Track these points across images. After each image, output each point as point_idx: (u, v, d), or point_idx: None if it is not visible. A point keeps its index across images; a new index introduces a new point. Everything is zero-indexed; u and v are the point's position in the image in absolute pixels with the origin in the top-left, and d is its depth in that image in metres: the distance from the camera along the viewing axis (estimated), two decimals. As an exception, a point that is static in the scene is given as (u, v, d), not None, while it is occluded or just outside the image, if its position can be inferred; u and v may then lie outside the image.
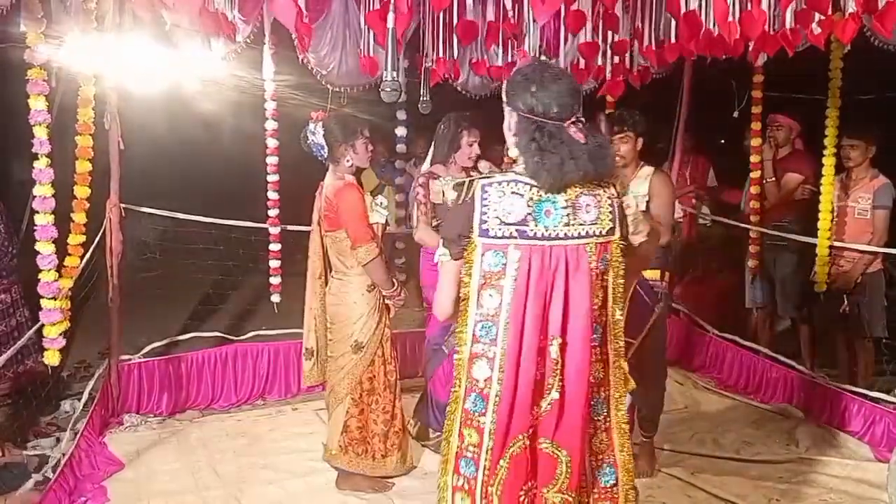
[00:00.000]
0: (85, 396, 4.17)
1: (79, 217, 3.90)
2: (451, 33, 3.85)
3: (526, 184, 1.91)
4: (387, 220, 3.52)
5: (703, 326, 5.27)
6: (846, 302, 4.39)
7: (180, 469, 3.73)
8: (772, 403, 4.52)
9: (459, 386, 1.97)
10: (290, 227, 4.73)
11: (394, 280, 3.43)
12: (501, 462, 1.89)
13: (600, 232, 1.91)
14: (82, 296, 4.43)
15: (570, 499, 1.90)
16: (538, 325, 1.87)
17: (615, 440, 1.99)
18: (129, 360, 4.38)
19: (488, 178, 1.93)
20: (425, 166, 3.99)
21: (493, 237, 1.88)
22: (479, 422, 1.91)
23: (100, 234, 4.14)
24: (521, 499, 1.90)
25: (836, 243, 4.38)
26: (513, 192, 1.88)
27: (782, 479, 3.62)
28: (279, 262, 4.70)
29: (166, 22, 3.62)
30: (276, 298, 4.74)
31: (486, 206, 1.89)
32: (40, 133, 3.26)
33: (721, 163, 6.21)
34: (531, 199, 1.88)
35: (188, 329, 5.23)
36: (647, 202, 3.31)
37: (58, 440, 3.97)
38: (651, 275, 3.42)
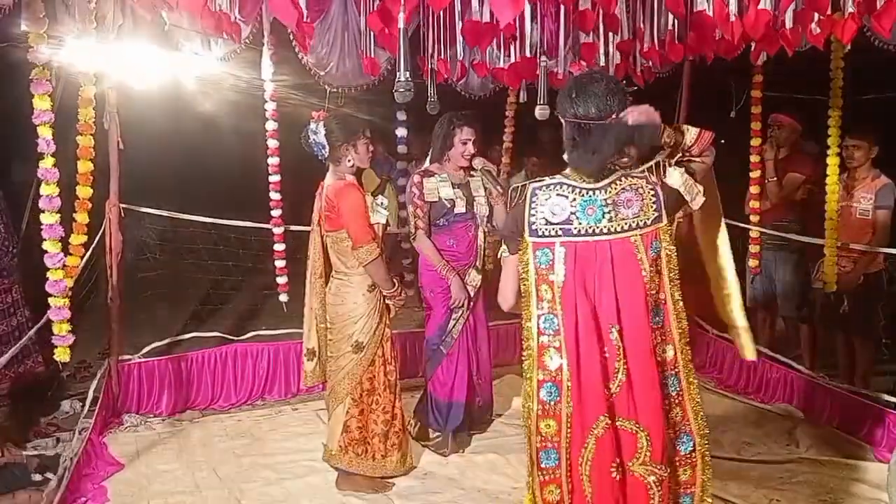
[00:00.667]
0: (90, 396, 4.16)
1: (81, 217, 3.91)
2: (452, 34, 3.84)
3: (570, 185, 2.10)
4: (387, 220, 3.52)
5: (703, 326, 5.27)
6: (846, 302, 4.40)
7: (180, 469, 3.73)
8: (772, 403, 4.52)
9: (530, 382, 2.10)
10: (291, 228, 4.73)
11: (394, 280, 3.44)
12: (588, 442, 2.05)
13: (645, 223, 2.05)
14: (82, 296, 4.43)
15: (656, 470, 2.07)
16: (590, 314, 2.04)
17: (689, 411, 2.14)
18: (129, 360, 4.38)
19: (539, 181, 2.12)
20: (425, 166, 3.99)
21: (541, 236, 2.08)
22: (555, 410, 2.07)
23: (99, 234, 4.14)
24: (613, 474, 2.06)
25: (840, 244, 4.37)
26: (558, 194, 2.08)
27: (782, 479, 3.62)
28: (284, 261, 4.71)
29: (166, 22, 3.63)
30: (283, 298, 4.74)
31: (534, 207, 2.10)
32: (45, 133, 3.26)
33: (721, 163, 6.20)
34: (574, 199, 2.08)
35: (188, 329, 5.24)
36: None
37: (58, 440, 3.97)
38: None
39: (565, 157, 2.14)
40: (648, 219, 2.05)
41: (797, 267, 4.79)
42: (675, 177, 2.10)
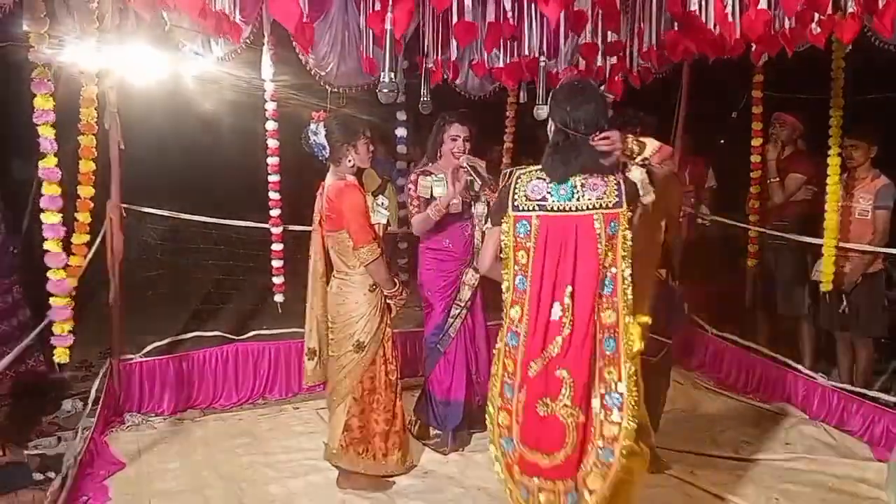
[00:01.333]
0: (92, 395, 4.17)
1: (83, 217, 3.92)
2: (451, 34, 3.85)
3: None
4: (388, 220, 3.53)
5: (703, 326, 5.28)
6: (846, 302, 4.40)
7: (181, 468, 3.74)
8: (771, 403, 4.53)
9: (503, 328, 2.53)
10: (290, 228, 4.74)
11: (395, 280, 3.44)
12: (524, 383, 2.45)
13: (607, 204, 2.41)
14: (84, 295, 4.43)
15: (573, 412, 2.40)
16: (552, 276, 2.42)
17: (623, 374, 2.39)
18: (131, 359, 4.38)
19: (523, 169, 2.54)
20: (424, 165, 4.00)
21: (521, 210, 2.49)
22: (514, 354, 2.49)
23: (101, 233, 4.14)
24: (538, 408, 2.43)
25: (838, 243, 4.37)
26: (537, 178, 2.50)
27: (782, 478, 3.63)
28: (282, 261, 4.71)
29: (167, 22, 3.63)
30: (279, 298, 4.74)
31: (517, 188, 2.51)
32: (47, 132, 3.26)
33: (721, 163, 6.22)
34: (550, 182, 2.48)
35: (189, 328, 5.24)
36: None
37: (60, 439, 3.98)
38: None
39: (543, 160, 2.50)
40: (610, 202, 2.40)
41: (797, 266, 4.80)
42: (636, 173, 2.48)
